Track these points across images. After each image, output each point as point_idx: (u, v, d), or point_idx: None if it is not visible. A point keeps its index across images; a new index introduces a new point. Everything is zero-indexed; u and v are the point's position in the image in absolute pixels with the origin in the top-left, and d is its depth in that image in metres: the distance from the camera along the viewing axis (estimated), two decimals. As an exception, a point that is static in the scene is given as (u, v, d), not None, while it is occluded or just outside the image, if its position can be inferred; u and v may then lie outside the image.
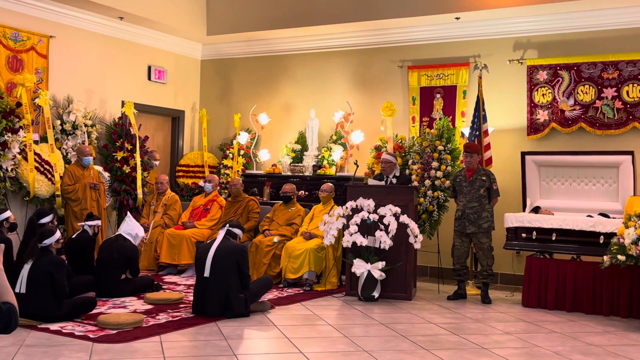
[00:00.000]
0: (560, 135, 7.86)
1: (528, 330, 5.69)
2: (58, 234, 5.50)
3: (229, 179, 9.53)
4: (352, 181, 7.61)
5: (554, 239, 6.68)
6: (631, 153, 6.80)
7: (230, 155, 9.79)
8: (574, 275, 6.55)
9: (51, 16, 8.20)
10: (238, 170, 9.57)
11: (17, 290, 5.17)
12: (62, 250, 5.66)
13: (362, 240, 6.59)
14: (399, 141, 8.18)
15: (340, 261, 7.39)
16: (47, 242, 5.39)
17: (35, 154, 7.61)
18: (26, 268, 5.26)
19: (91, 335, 4.89)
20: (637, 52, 7.43)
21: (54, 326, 5.12)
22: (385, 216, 6.62)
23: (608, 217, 6.62)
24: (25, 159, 7.51)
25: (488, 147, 7.66)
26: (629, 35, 7.53)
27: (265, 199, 9.07)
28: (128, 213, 6.98)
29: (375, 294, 6.69)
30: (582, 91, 7.70)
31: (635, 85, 7.42)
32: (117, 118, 8.75)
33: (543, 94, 7.92)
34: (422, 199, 7.63)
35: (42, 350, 4.52)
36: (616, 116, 7.51)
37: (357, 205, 6.79)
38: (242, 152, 9.77)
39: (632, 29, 7.52)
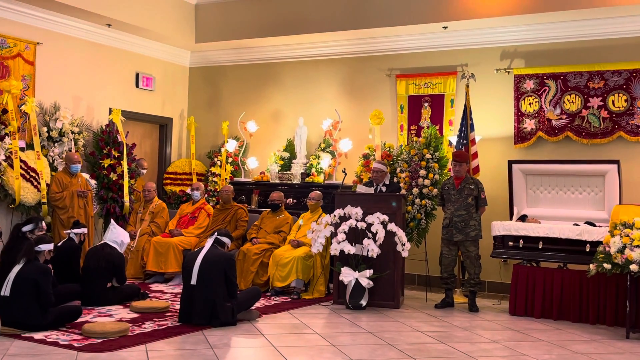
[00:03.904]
0: (547, 144, 7.91)
1: (515, 338, 5.70)
2: (52, 246, 5.59)
3: (217, 187, 9.51)
4: (341, 189, 7.61)
5: (540, 247, 6.71)
6: (617, 162, 6.85)
7: (219, 162, 9.76)
8: (561, 284, 6.58)
9: (38, 23, 8.16)
10: (226, 178, 9.54)
11: (2, 293, 5.15)
12: (48, 259, 5.63)
13: (349, 248, 6.59)
14: (387, 149, 8.20)
15: (328, 269, 7.37)
16: (42, 247, 5.44)
17: (21, 161, 7.55)
18: (14, 271, 5.24)
19: (76, 344, 4.84)
20: (623, 62, 7.50)
21: (38, 335, 5.06)
22: (373, 224, 6.62)
23: (594, 225, 6.66)
24: (11, 166, 7.45)
25: (475, 155, 7.69)
26: (615, 45, 7.61)
27: (253, 206, 9.04)
28: (112, 221, 6.94)
29: (363, 302, 6.68)
30: (568, 100, 7.76)
31: (621, 94, 7.49)
32: (105, 125, 8.70)
33: (530, 103, 7.98)
34: (409, 207, 7.64)
35: (26, 359, 4.47)
36: (602, 125, 7.57)
37: (345, 213, 6.79)
38: (230, 159, 9.75)
39: (617, 39, 7.59)
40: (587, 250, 6.41)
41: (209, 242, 5.95)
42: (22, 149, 7.68)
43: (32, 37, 8.09)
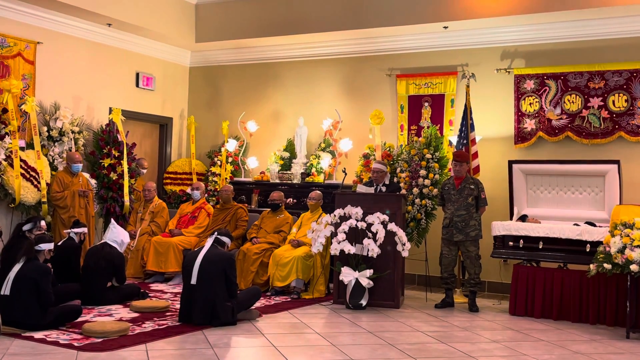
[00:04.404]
0: (547, 144, 7.91)
1: (515, 338, 5.70)
2: (52, 245, 5.58)
3: (217, 187, 9.51)
4: (341, 189, 7.61)
5: (540, 247, 6.71)
6: (617, 162, 6.85)
7: (219, 162, 9.76)
8: (561, 284, 6.58)
9: (39, 22, 8.16)
10: (226, 178, 9.54)
11: (2, 292, 5.15)
12: (48, 258, 5.63)
13: (350, 248, 6.59)
14: (387, 149, 8.20)
15: (328, 269, 7.37)
16: (42, 246, 5.44)
17: (22, 160, 7.55)
18: (14, 270, 5.24)
19: (76, 344, 4.84)
20: (623, 62, 7.50)
21: (39, 334, 5.06)
22: (373, 224, 6.62)
23: (594, 225, 6.66)
24: (11, 165, 7.45)
25: (475, 155, 7.69)
26: (615, 45, 7.61)
27: (253, 206, 9.04)
28: (112, 220, 6.94)
29: (363, 302, 6.68)
30: (568, 100, 7.76)
31: (621, 94, 7.49)
32: (105, 125, 8.70)
33: (530, 103, 7.98)
34: (410, 207, 7.64)
35: (26, 359, 4.47)
36: (602, 125, 7.57)
37: (345, 213, 6.79)
38: (230, 159, 9.75)
39: (618, 39, 7.59)
40: (587, 250, 6.41)
41: (209, 242, 5.95)
42: (22, 149, 7.67)
43: (33, 37, 8.09)
